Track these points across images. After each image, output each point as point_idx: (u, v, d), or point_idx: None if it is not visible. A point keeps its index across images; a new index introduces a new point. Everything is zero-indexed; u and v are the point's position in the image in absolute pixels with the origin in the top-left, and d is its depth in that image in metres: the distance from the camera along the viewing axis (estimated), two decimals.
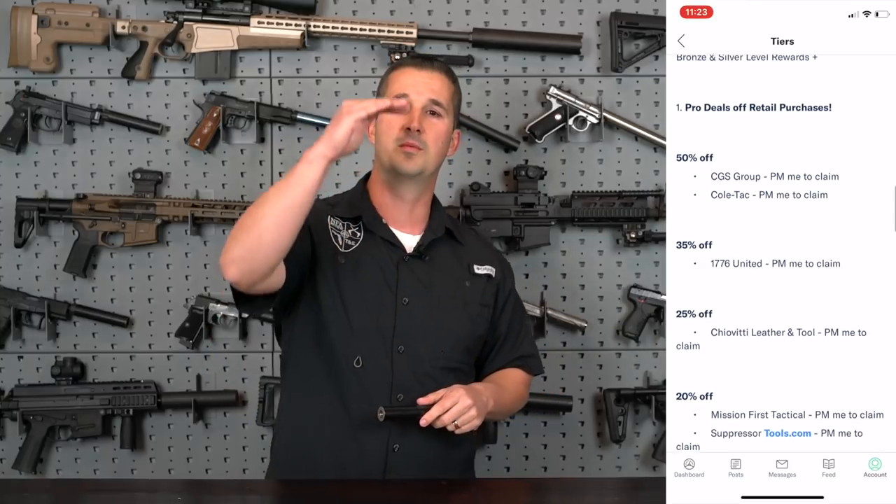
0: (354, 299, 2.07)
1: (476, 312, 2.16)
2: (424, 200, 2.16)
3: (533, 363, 2.27)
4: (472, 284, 2.16)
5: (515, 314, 2.25)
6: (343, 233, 2.12)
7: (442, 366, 2.09)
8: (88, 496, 2.09)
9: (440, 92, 2.11)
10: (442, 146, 2.11)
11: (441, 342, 2.10)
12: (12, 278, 2.86)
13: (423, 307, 2.09)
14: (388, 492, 1.96)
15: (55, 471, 2.86)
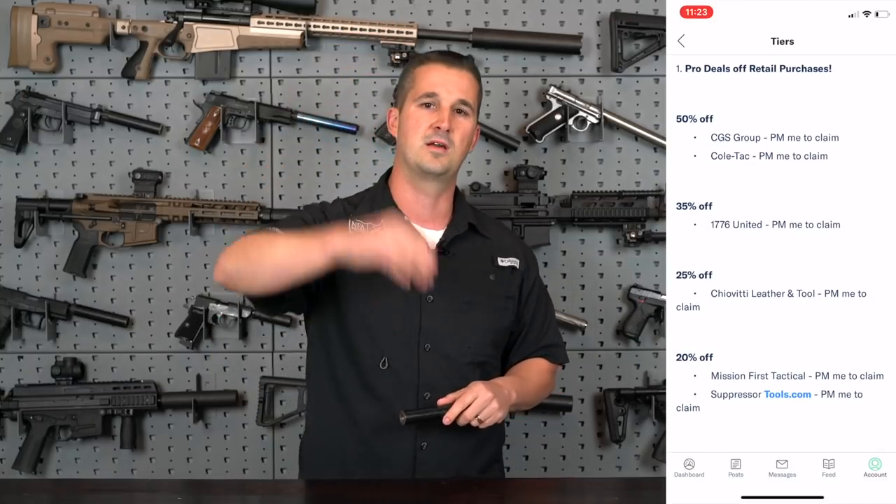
0: (378, 300, 2.06)
1: (502, 305, 2.16)
2: (447, 196, 2.17)
3: (558, 352, 2.25)
4: (496, 277, 2.16)
5: (540, 304, 2.24)
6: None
7: (469, 361, 2.10)
8: (88, 496, 2.09)
9: (468, 91, 2.12)
10: (467, 145, 2.14)
11: (467, 337, 2.11)
12: (12, 278, 2.86)
13: (447, 303, 2.09)
14: (388, 492, 1.96)
15: (55, 471, 2.86)
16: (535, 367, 2.21)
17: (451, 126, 2.08)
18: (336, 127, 2.82)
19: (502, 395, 2.00)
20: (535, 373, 2.20)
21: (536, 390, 2.20)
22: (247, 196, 2.85)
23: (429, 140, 2.07)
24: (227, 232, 2.86)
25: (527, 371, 2.19)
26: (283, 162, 2.86)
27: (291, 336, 2.86)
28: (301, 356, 2.85)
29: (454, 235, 2.14)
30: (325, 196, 2.83)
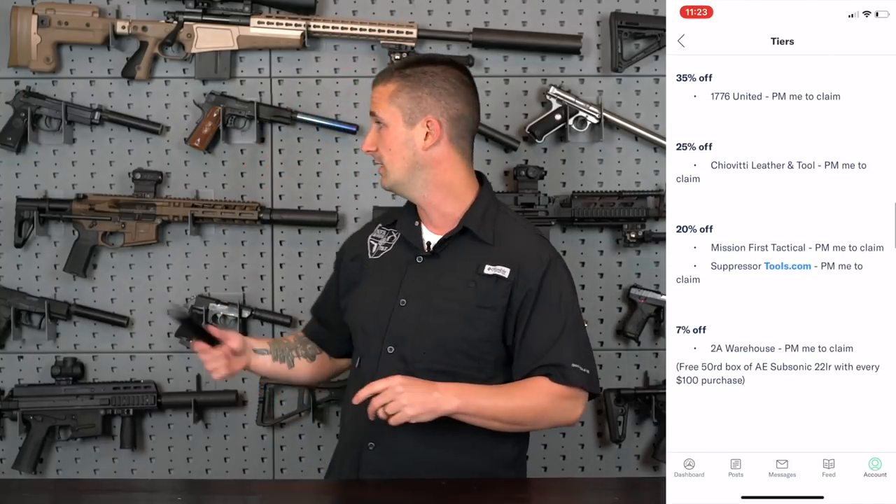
0: (362, 301, 2.16)
1: (475, 315, 2.08)
2: (444, 200, 2.13)
3: (563, 373, 2.04)
4: (476, 286, 2.09)
5: (542, 318, 2.07)
6: (381, 240, 2.20)
7: (425, 367, 2.05)
8: (88, 496, 2.10)
9: (377, 102, 2.13)
10: (397, 152, 2.10)
11: (426, 343, 2.07)
12: (12, 278, 2.86)
13: (418, 308, 2.09)
14: (387, 491, 1.96)
15: (55, 471, 2.86)
16: (528, 385, 2.05)
17: (375, 143, 2.12)
18: (336, 127, 2.82)
19: (426, 395, 1.95)
20: (523, 391, 2.05)
21: (517, 410, 2.05)
22: (247, 196, 2.85)
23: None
24: (227, 232, 2.86)
25: (513, 388, 2.06)
26: (283, 162, 2.86)
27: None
28: None
29: (443, 238, 2.13)
30: (325, 195, 2.84)
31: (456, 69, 2.15)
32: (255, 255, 2.86)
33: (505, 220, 2.16)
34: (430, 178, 2.12)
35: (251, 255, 2.86)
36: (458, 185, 2.14)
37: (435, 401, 1.95)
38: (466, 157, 2.16)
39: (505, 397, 2.05)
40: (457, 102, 2.11)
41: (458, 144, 2.13)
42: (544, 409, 2.06)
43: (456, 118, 2.11)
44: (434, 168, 2.11)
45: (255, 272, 2.86)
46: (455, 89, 2.12)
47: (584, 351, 2.09)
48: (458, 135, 2.12)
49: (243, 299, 2.84)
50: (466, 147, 2.15)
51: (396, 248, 2.17)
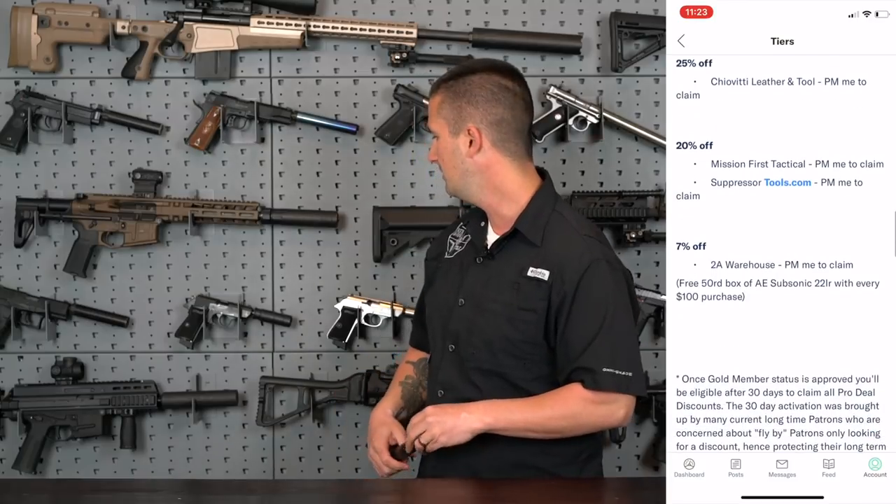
0: (434, 300, 2.26)
1: (517, 317, 2.11)
2: (497, 203, 2.17)
3: (591, 377, 2.04)
4: (520, 288, 2.12)
5: (574, 321, 2.08)
6: (459, 239, 2.26)
7: (476, 366, 2.13)
8: (88, 496, 2.10)
9: (429, 115, 2.21)
10: (450, 162, 2.17)
11: (476, 343, 2.14)
12: (12, 278, 2.86)
13: (471, 307, 2.16)
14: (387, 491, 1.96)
15: (55, 471, 2.86)
16: (561, 393, 2.08)
17: (435, 154, 2.20)
18: (336, 127, 2.82)
19: (455, 418, 2.05)
20: (555, 400, 2.08)
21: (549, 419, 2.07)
22: (247, 196, 2.85)
23: None
24: (227, 232, 2.86)
25: (545, 398, 2.09)
26: (283, 162, 2.85)
27: (291, 336, 2.86)
28: (301, 356, 2.86)
29: (497, 239, 2.17)
30: (325, 195, 2.84)
31: (495, 74, 2.17)
32: (255, 255, 2.86)
33: (558, 220, 2.17)
34: (483, 183, 2.17)
35: (251, 255, 2.86)
36: (510, 186, 2.17)
37: (464, 421, 2.04)
38: (518, 158, 2.17)
39: (535, 409, 2.08)
40: (496, 107, 2.14)
41: (504, 148, 2.15)
42: (577, 416, 2.08)
43: (496, 123, 2.14)
44: (484, 173, 2.16)
45: (255, 272, 2.86)
46: (493, 95, 2.14)
47: (622, 354, 2.08)
48: (502, 139, 2.15)
49: (243, 299, 2.84)
50: (516, 149, 2.16)
51: (467, 248, 2.24)
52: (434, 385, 2.21)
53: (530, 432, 2.07)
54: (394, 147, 2.83)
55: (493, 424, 2.05)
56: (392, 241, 2.79)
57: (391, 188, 2.85)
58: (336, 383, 2.81)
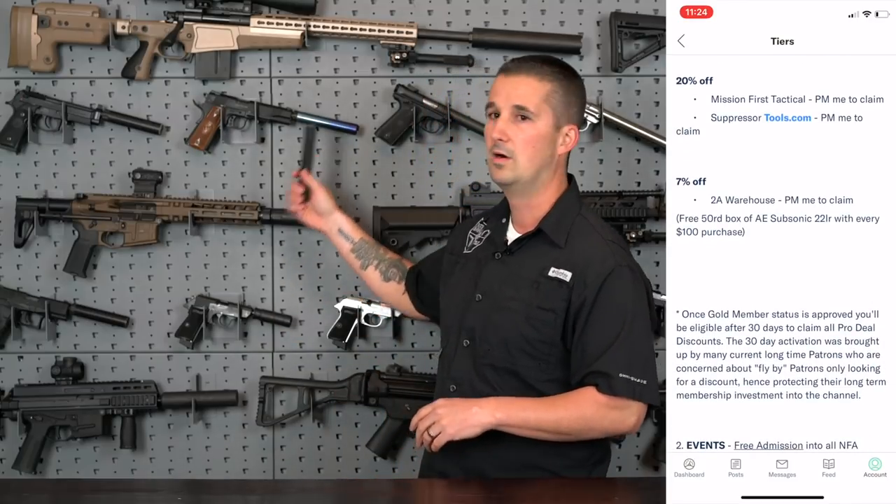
0: (450, 293, 2.28)
1: (536, 316, 2.12)
2: (536, 203, 2.18)
3: (606, 382, 2.05)
4: (540, 287, 2.13)
5: (597, 326, 2.09)
6: (478, 234, 2.28)
7: (490, 363, 2.14)
8: (88, 496, 2.10)
9: (525, 96, 2.13)
10: (535, 150, 2.13)
11: (491, 340, 2.14)
12: (12, 278, 2.86)
13: (489, 303, 2.16)
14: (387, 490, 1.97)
15: (55, 471, 2.86)
16: (575, 395, 2.09)
17: (506, 135, 2.11)
18: (336, 127, 2.82)
19: (465, 412, 2.03)
20: (568, 402, 2.08)
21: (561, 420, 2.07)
22: (247, 196, 2.85)
23: (493, 152, 2.14)
24: (227, 232, 2.86)
25: (559, 399, 2.10)
26: (283, 162, 2.85)
27: (291, 336, 2.86)
28: (301, 356, 2.86)
29: (518, 237, 2.18)
30: None
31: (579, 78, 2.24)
32: (255, 255, 2.86)
33: (582, 224, 2.19)
34: (546, 180, 2.18)
35: (251, 255, 2.86)
36: (556, 188, 2.20)
37: (474, 415, 2.03)
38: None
39: (548, 409, 2.08)
40: (582, 112, 2.23)
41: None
42: (589, 419, 2.08)
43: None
44: (554, 172, 2.19)
45: (255, 272, 2.86)
46: (584, 104, 2.25)
47: (639, 361, 2.09)
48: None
49: (243, 299, 2.84)
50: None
51: (486, 243, 2.25)
52: (445, 379, 2.21)
53: (541, 432, 2.07)
54: (394, 147, 2.83)
55: (505, 421, 2.04)
56: (392, 241, 2.78)
57: (391, 188, 2.85)
58: (336, 383, 2.81)
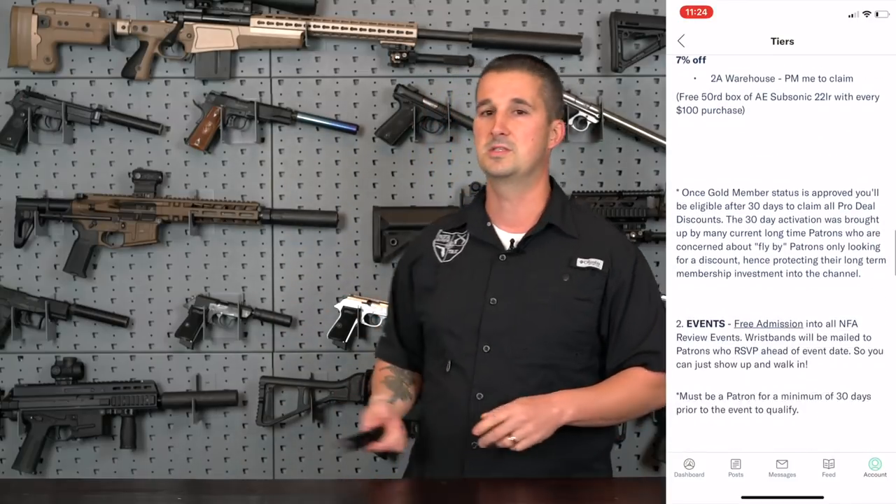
0: (446, 304, 2.17)
1: (573, 307, 2.12)
2: (531, 198, 2.17)
3: (658, 359, 2.03)
4: (571, 279, 2.13)
5: (636, 305, 2.15)
6: (448, 244, 2.22)
7: (527, 363, 2.10)
8: (88, 496, 2.10)
9: (522, 90, 2.14)
10: (534, 142, 2.14)
11: (526, 339, 2.11)
12: (12, 278, 2.86)
13: (511, 305, 2.13)
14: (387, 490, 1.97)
15: (55, 471, 2.86)
16: (625, 378, 2.12)
17: (507, 129, 2.12)
18: (336, 127, 2.82)
19: (545, 415, 2.00)
20: (621, 385, 2.12)
21: (620, 405, 2.12)
22: (247, 196, 2.85)
23: (489, 147, 2.13)
24: (227, 232, 2.86)
25: (611, 384, 2.12)
26: (283, 162, 2.86)
27: (291, 336, 2.86)
28: (301, 356, 2.86)
29: (528, 235, 2.16)
30: (325, 195, 2.84)
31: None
32: (255, 255, 2.86)
33: (580, 213, 2.24)
34: (539, 174, 2.18)
35: (251, 255, 2.86)
36: (545, 183, 2.21)
37: (556, 416, 2.01)
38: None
39: (607, 394, 2.11)
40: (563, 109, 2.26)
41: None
42: (642, 399, 2.14)
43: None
44: (542, 167, 2.19)
45: (255, 272, 2.86)
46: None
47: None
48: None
49: (243, 299, 2.84)
50: None
51: (470, 249, 2.20)
52: (467, 389, 2.11)
53: (601, 420, 2.11)
54: (394, 147, 2.83)
55: (578, 415, 2.04)
56: (392, 241, 2.79)
57: (391, 188, 2.85)
58: (336, 383, 2.81)
